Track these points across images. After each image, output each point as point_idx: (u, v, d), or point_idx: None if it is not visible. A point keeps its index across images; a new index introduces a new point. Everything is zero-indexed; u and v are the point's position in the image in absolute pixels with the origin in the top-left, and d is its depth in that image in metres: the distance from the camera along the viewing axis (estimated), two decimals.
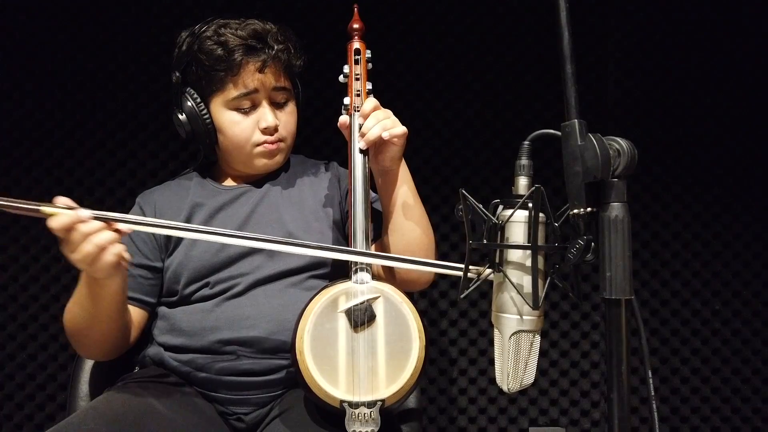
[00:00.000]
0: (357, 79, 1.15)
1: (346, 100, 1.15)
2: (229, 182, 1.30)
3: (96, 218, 0.95)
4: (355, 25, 1.18)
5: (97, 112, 1.67)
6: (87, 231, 0.93)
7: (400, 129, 1.09)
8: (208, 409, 1.13)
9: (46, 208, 0.94)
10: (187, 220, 1.21)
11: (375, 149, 1.12)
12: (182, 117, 1.21)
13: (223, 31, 1.17)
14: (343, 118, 1.14)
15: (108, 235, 0.95)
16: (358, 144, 1.11)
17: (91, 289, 1.03)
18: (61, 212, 0.93)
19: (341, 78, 1.16)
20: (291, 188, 1.28)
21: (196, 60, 1.19)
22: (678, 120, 1.70)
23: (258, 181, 1.28)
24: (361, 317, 0.99)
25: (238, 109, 1.20)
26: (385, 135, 1.07)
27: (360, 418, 0.96)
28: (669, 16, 1.69)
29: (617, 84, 1.70)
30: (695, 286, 1.70)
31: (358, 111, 1.13)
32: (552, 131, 0.80)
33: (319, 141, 1.69)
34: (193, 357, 1.13)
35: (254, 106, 1.20)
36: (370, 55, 1.17)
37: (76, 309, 1.07)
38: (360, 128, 1.10)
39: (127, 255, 0.99)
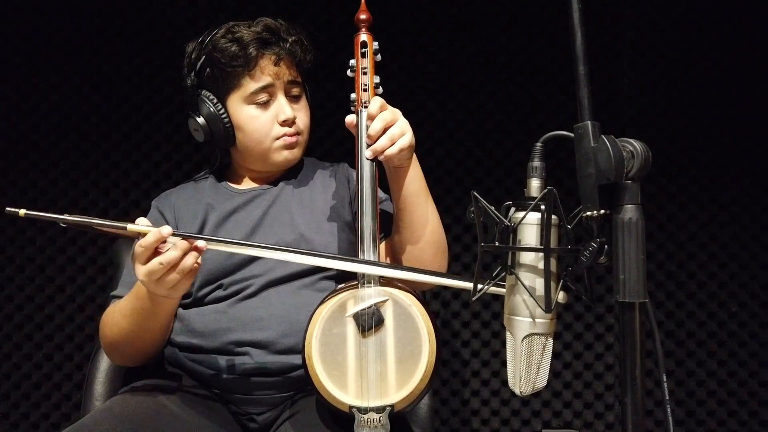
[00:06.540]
0: (364, 74, 1.10)
1: (353, 96, 1.11)
2: (243, 184, 1.30)
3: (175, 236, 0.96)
4: (362, 16, 1.12)
5: (112, 116, 1.69)
6: (171, 259, 0.94)
7: (407, 140, 1.07)
8: (221, 410, 1.14)
9: (133, 227, 0.96)
10: (202, 223, 1.22)
11: None
12: (200, 120, 1.21)
13: (236, 29, 1.19)
14: (350, 118, 1.11)
15: (191, 260, 0.96)
16: (365, 146, 1.08)
17: (147, 305, 1.05)
18: (146, 230, 0.95)
19: (349, 72, 1.12)
20: (302, 191, 1.28)
21: (211, 60, 1.19)
22: (693, 121, 1.68)
23: (271, 182, 1.29)
24: (369, 321, 0.98)
25: (255, 104, 1.20)
26: (391, 151, 1.05)
27: (369, 423, 0.95)
28: (683, 16, 1.68)
29: (631, 85, 1.69)
30: (711, 288, 1.68)
31: (366, 107, 1.09)
32: (565, 133, 0.79)
33: (331, 142, 1.70)
34: (208, 357, 1.14)
35: (270, 100, 1.21)
36: (377, 47, 1.12)
37: (124, 322, 1.09)
38: (367, 127, 1.07)
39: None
